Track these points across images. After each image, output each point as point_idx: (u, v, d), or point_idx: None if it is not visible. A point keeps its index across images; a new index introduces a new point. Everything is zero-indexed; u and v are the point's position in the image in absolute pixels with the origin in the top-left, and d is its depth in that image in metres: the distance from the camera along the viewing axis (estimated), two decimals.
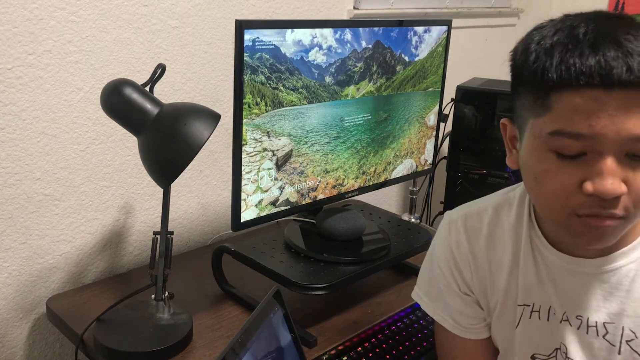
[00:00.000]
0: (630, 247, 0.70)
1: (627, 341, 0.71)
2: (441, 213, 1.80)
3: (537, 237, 0.77)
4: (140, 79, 0.97)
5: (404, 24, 1.19)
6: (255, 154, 1.01)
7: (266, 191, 1.04)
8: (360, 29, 1.11)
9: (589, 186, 0.61)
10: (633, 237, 0.71)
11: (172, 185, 0.98)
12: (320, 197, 1.15)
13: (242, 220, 1.02)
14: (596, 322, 0.73)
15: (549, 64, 0.61)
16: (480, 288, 0.84)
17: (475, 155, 1.68)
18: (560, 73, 0.60)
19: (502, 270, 0.81)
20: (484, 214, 0.84)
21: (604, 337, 0.73)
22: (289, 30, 1.00)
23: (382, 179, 1.26)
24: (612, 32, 0.59)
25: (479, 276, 0.83)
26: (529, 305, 0.79)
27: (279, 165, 1.05)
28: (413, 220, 1.66)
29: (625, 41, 0.58)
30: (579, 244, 0.70)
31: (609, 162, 0.60)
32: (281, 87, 1.01)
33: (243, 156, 0.99)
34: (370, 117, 1.18)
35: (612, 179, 0.60)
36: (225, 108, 1.35)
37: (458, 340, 0.87)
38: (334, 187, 1.17)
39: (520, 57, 0.66)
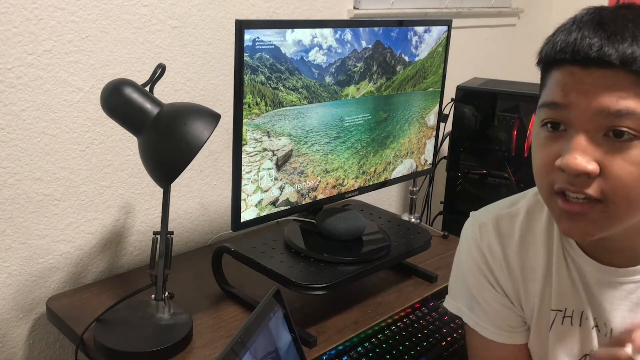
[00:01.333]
0: None
1: None
2: (441, 213, 1.80)
3: (567, 241, 0.76)
4: (140, 79, 0.97)
5: (404, 24, 1.19)
6: (256, 154, 1.01)
7: (266, 191, 1.04)
8: (360, 29, 1.11)
9: (558, 161, 0.62)
10: None
11: (172, 185, 0.98)
12: (320, 197, 1.15)
13: (242, 220, 1.02)
14: (620, 333, 0.71)
15: (546, 44, 0.66)
16: (515, 293, 0.81)
17: (475, 155, 1.68)
18: (549, 50, 0.64)
19: (535, 276, 0.79)
20: (515, 217, 0.81)
21: None
22: (289, 30, 1.00)
23: (382, 179, 1.27)
24: (612, 17, 0.61)
25: (513, 281, 0.81)
26: (561, 311, 0.77)
27: (279, 165, 1.05)
28: (413, 220, 1.66)
29: (614, 25, 0.60)
30: (561, 231, 0.68)
31: (580, 139, 0.61)
32: (281, 87, 1.01)
33: (243, 156, 0.99)
34: (370, 117, 1.18)
35: (580, 155, 0.60)
36: (225, 108, 1.35)
37: (493, 347, 0.84)
38: (334, 187, 1.17)
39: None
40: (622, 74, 0.59)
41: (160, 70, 0.95)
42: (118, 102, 0.91)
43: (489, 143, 1.65)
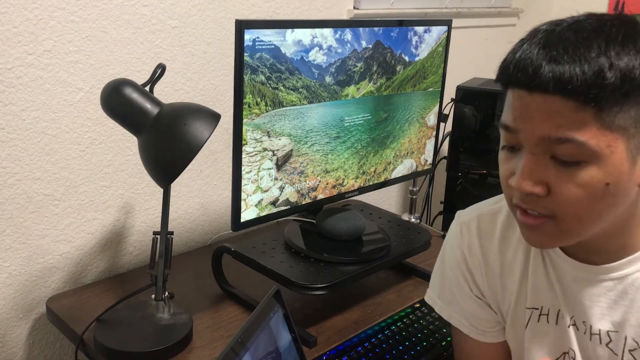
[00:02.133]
0: (638, 254, 0.69)
1: (630, 350, 0.70)
2: (441, 213, 1.80)
3: None
4: (140, 79, 0.97)
5: (404, 24, 1.19)
6: (256, 154, 1.01)
7: (266, 191, 1.04)
8: (361, 29, 1.11)
9: (510, 180, 0.66)
10: None
11: (172, 185, 0.98)
12: (320, 197, 1.15)
13: (242, 220, 1.02)
14: (599, 330, 0.72)
15: (501, 66, 0.66)
16: (491, 292, 0.83)
17: (475, 155, 1.68)
18: (503, 69, 0.65)
19: (513, 274, 0.80)
20: (497, 215, 0.83)
21: (607, 345, 0.72)
22: (289, 30, 1.00)
23: (382, 179, 1.26)
24: (559, 37, 0.61)
25: (490, 280, 0.83)
26: (537, 309, 0.78)
27: (279, 165, 1.05)
28: (413, 220, 1.66)
29: (556, 47, 0.60)
30: (524, 238, 0.70)
31: (528, 161, 0.63)
32: (281, 87, 1.01)
33: (243, 156, 0.99)
34: (370, 117, 1.18)
35: (527, 176, 0.63)
36: (225, 108, 1.35)
37: (474, 343, 0.87)
38: (334, 187, 1.17)
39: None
40: (560, 100, 0.59)
41: (160, 70, 0.95)
42: (118, 102, 0.91)
43: (489, 143, 1.65)
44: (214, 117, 0.93)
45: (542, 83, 0.59)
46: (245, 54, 0.94)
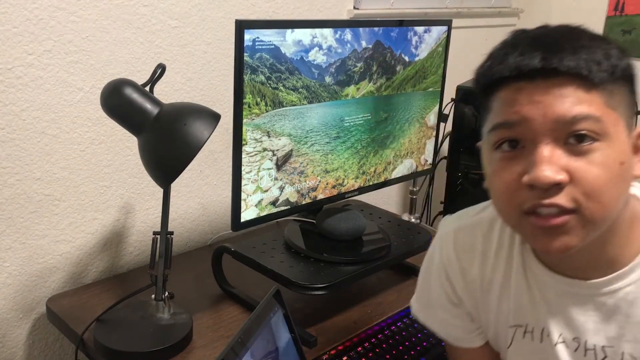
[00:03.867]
0: (628, 268, 0.67)
1: None
2: (441, 213, 1.80)
3: (529, 257, 0.75)
4: (140, 79, 0.97)
5: (404, 24, 1.19)
6: (256, 154, 1.01)
7: (266, 191, 1.04)
8: (361, 29, 1.11)
9: (526, 177, 0.61)
10: (630, 258, 0.67)
11: (172, 185, 0.98)
12: (320, 197, 1.15)
13: (242, 220, 1.02)
14: (594, 346, 0.70)
15: (482, 71, 0.67)
16: (472, 302, 0.82)
17: (475, 155, 1.68)
18: (490, 75, 0.64)
19: (493, 289, 0.78)
20: (477, 228, 0.80)
21: None
22: (289, 30, 1.00)
23: (382, 179, 1.26)
24: (545, 33, 0.64)
25: (470, 292, 0.81)
26: (521, 326, 0.76)
27: (279, 165, 1.05)
28: (413, 220, 1.66)
29: (550, 39, 0.62)
30: (539, 249, 0.67)
31: (543, 150, 0.60)
32: (281, 87, 1.01)
33: (243, 156, 0.99)
34: (370, 117, 1.18)
35: (547, 166, 0.60)
36: (225, 108, 1.35)
37: (456, 347, 0.87)
38: (334, 187, 1.17)
39: (475, 76, 0.70)
40: (568, 82, 0.60)
41: (160, 70, 0.95)
42: (118, 102, 0.91)
43: None
44: (214, 117, 0.93)
45: (546, 66, 0.60)
46: (245, 54, 0.94)
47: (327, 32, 1.06)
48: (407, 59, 1.22)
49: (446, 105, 1.51)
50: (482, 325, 0.83)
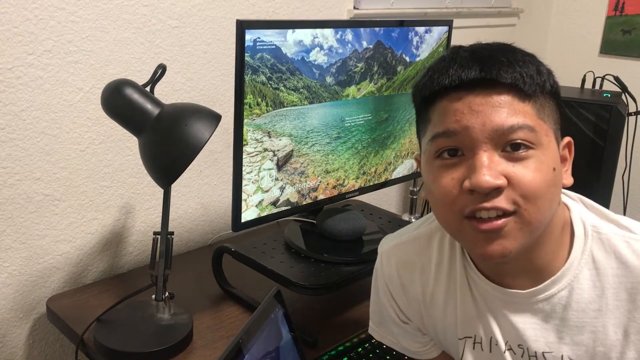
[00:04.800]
0: (560, 274, 0.69)
1: None
2: None
3: (470, 268, 0.76)
4: (141, 79, 0.96)
5: (405, 24, 1.19)
6: (256, 154, 1.01)
7: (267, 191, 1.04)
8: (362, 29, 1.11)
9: (467, 182, 0.63)
10: (561, 263, 0.70)
11: (173, 185, 0.98)
12: (321, 197, 1.15)
13: (242, 221, 1.02)
14: (536, 352, 0.72)
15: (422, 84, 0.69)
16: (417, 318, 0.83)
17: None
18: (431, 86, 0.67)
19: (436, 303, 0.79)
20: (415, 243, 0.81)
21: None
22: (289, 31, 1.00)
23: (382, 179, 1.26)
24: (482, 48, 0.67)
25: (414, 308, 0.82)
26: (470, 337, 0.78)
27: (279, 166, 1.05)
28: (413, 220, 1.66)
29: (487, 52, 0.66)
30: (479, 255, 0.67)
31: (483, 157, 0.63)
32: (282, 88, 1.01)
33: (244, 156, 0.99)
34: (371, 118, 1.18)
35: (487, 171, 0.62)
36: (225, 108, 1.35)
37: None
38: (334, 187, 1.17)
39: (413, 93, 0.73)
40: (504, 92, 0.64)
41: (160, 71, 0.95)
42: (119, 102, 0.91)
43: None
44: (215, 118, 0.93)
45: (485, 77, 0.63)
46: (246, 54, 0.94)
47: (328, 32, 1.05)
48: (407, 59, 1.22)
49: None
50: (433, 338, 0.85)
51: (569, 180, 0.69)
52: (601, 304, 0.68)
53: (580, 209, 0.73)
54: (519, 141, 0.63)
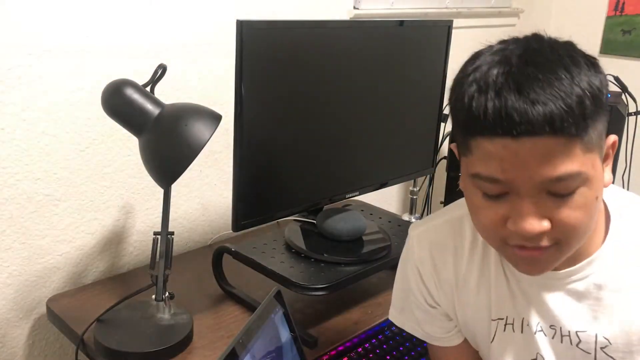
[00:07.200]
0: (595, 256, 0.70)
1: (601, 348, 0.71)
2: None
3: None
4: (141, 79, 0.96)
5: (405, 24, 1.19)
6: None
7: None
8: (361, 29, 1.11)
9: (510, 224, 0.63)
10: (595, 247, 0.71)
11: (173, 185, 0.98)
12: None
13: (242, 221, 1.02)
14: (569, 332, 0.73)
15: (462, 109, 0.62)
16: (448, 301, 0.83)
17: None
18: (471, 120, 0.61)
19: (469, 285, 0.80)
20: (448, 226, 0.81)
21: (577, 345, 0.72)
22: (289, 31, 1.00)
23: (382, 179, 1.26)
24: (525, 78, 0.59)
25: (445, 291, 0.82)
26: (502, 319, 0.78)
27: None
28: (413, 220, 1.66)
29: (530, 87, 0.58)
30: (519, 271, 0.70)
31: (527, 204, 0.62)
32: None
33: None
34: (371, 118, 1.18)
35: (531, 218, 0.61)
36: (225, 108, 1.35)
37: (436, 347, 0.88)
38: None
39: (451, 94, 0.67)
40: (552, 140, 0.58)
41: (161, 71, 0.95)
42: (119, 102, 0.91)
43: None
44: (215, 118, 0.93)
45: (533, 128, 0.57)
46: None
47: (328, 32, 1.05)
48: (408, 59, 1.22)
49: (446, 105, 1.51)
50: (459, 324, 0.84)
51: (609, 176, 0.66)
52: (636, 283, 0.69)
53: (613, 191, 0.73)
54: (564, 192, 0.61)
